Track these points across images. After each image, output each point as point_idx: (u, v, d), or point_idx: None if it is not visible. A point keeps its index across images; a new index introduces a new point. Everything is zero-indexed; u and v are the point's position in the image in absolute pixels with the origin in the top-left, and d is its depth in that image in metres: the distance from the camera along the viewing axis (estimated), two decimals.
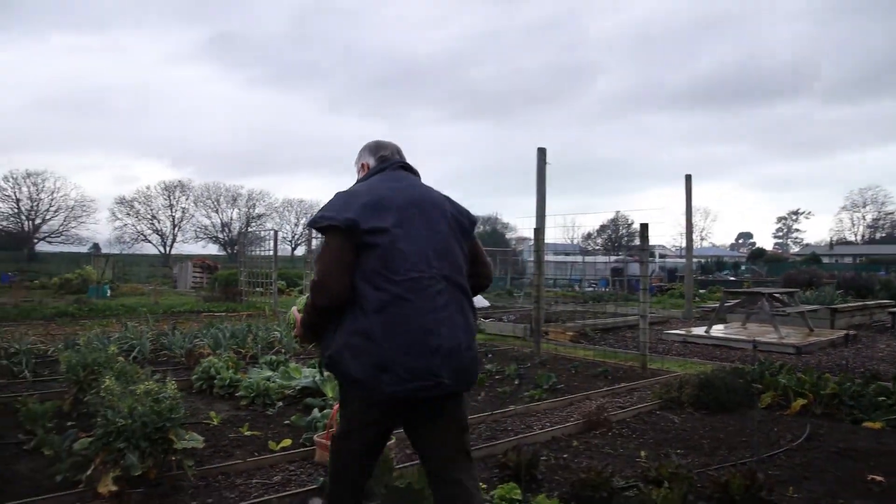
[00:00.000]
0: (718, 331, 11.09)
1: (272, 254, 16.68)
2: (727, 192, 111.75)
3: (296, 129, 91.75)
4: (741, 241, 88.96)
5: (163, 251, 58.25)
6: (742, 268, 44.93)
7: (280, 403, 5.54)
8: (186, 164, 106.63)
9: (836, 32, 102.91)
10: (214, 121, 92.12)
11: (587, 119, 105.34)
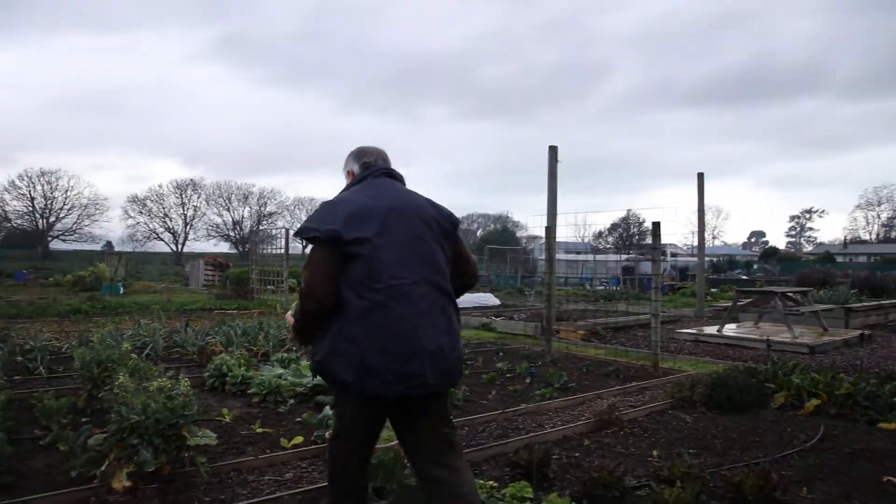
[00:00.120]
0: (731, 330, 11.03)
1: (283, 252, 16.77)
2: (740, 191, 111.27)
3: (307, 128, 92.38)
4: (753, 240, 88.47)
5: (175, 249, 58.67)
6: (754, 267, 44.68)
7: (292, 401, 5.56)
8: (198, 163, 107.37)
9: (851, 29, 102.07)
10: (226, 120, 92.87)
11: (599, 117, 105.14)
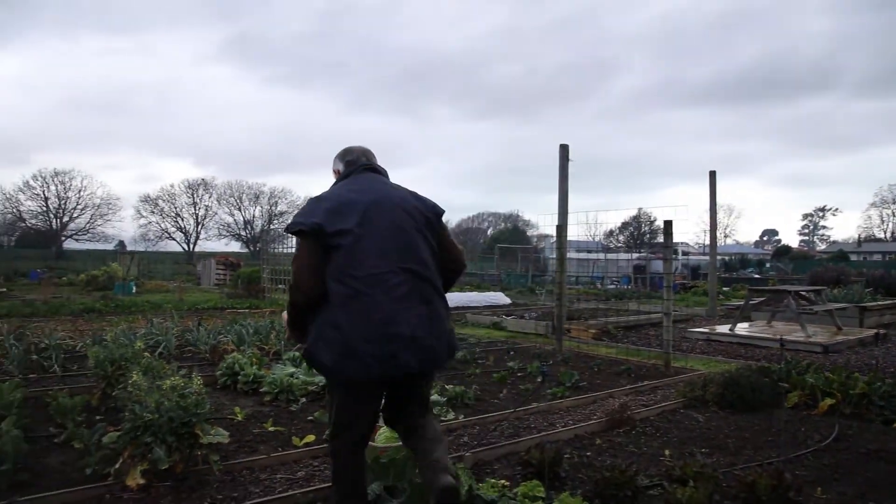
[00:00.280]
0: (743, 329, 10.95)
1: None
2: (752, 189, 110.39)
3: (317, 128, 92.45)
4: (766, 239, 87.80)
5: (186, 248, 58.95)
6: (767, 265, 44.34)
7: (303, 399, 5.58)
8: (210, 163, 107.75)
9: (863, 27, 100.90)
10: (237, 119, 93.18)
11: (610, 116, 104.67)
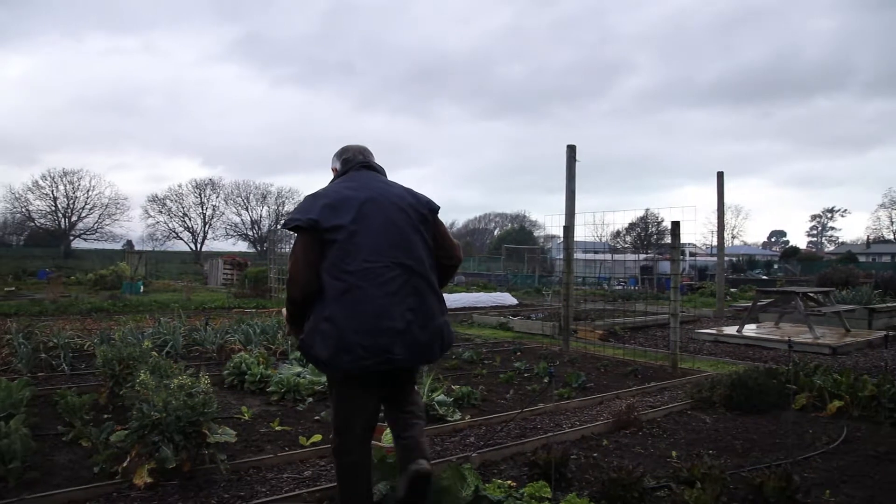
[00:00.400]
0: (751, 330, 10.90)
1: None
2: (759, 190, 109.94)
3: (324, 127, 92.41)
4: (774, 240, 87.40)
5: (194, 248, 59.14)
6: (775, 266, 44.14)
7: (310, 399, 5.59)
8: (217, 163, 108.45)
9: (872, 26, 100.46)
10: (244, 119, 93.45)
11: (617, 115, 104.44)
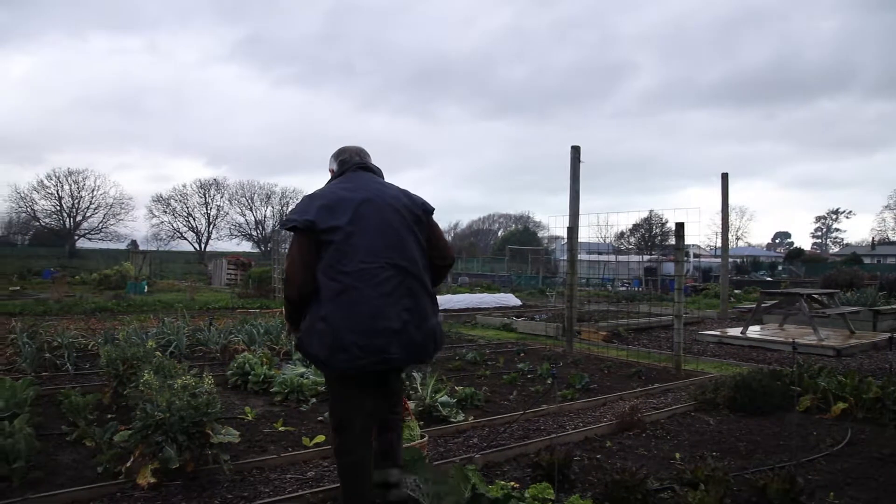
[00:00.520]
0: (755, 332, 10.87)
1: None
2: (764, 191, 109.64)
3: (328, 128, 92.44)
4: (778, 241, 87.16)
5: (198, 248, 59.18)
6: (779, 268, 44.04)
7: (313, 400, 5.59)
8: (221, 163, 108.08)
9: (876, 27, 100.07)
10: (248, 120, 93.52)
11: (621, 116, 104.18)
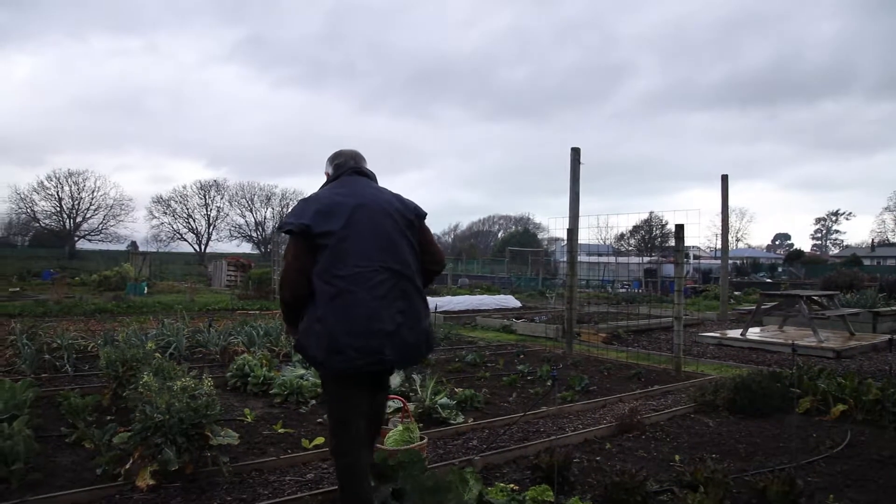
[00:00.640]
0: (755, 334, 10.87)
1: None
2: (764, 193, 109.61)
3: (329, 129, 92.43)
4: (778, 243, 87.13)
5: (198, 250, 59.19)
6: (779, 269, 44.01)
7: (313, 401, 5.59)
8: (222, 164, 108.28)
9: (876, 29, 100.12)
10: (249, 121, 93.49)
11: (621, 118, 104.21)
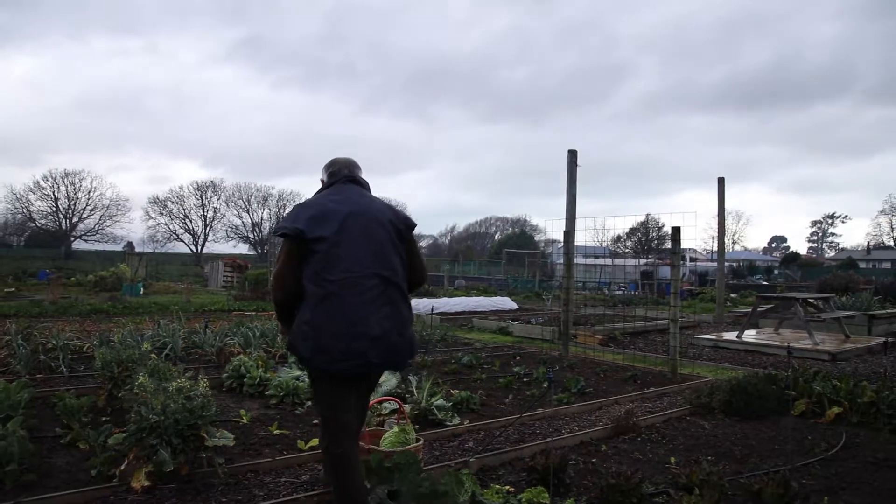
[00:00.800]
0: (750, 336, 10.89)
1: None
2: (760, 196, 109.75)
3: (327, 130, 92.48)
4: (774, 245, 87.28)
5: (194, 250, 59.14)
6: (775, 272, 44.13)
7: (309, 403, 5.57)
8: (219, 165, 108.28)
9: (874, 33, 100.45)
10: (246, 122, 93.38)
11: (616, 120, 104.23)
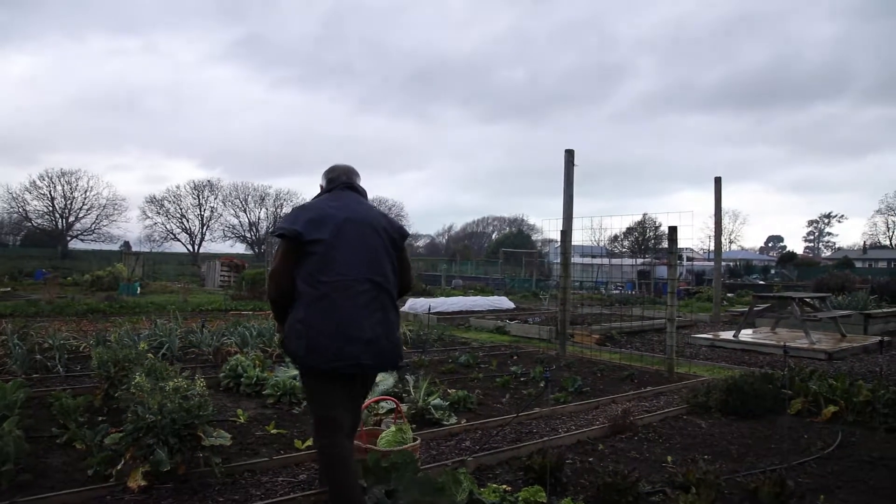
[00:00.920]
0: (747, 335, 10.92)
1: None
2: (757, 195, 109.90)
3: (324, 130, 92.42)
4: (771, 245, 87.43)
5: (191, 250, 59.02)
6: (772, 272, 44.20)
7: (306, 402, 5.57)
8: (216, 164, 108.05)
9: (871, 33, 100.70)
10: (244, 121, 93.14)
11: (614, 120, 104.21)
